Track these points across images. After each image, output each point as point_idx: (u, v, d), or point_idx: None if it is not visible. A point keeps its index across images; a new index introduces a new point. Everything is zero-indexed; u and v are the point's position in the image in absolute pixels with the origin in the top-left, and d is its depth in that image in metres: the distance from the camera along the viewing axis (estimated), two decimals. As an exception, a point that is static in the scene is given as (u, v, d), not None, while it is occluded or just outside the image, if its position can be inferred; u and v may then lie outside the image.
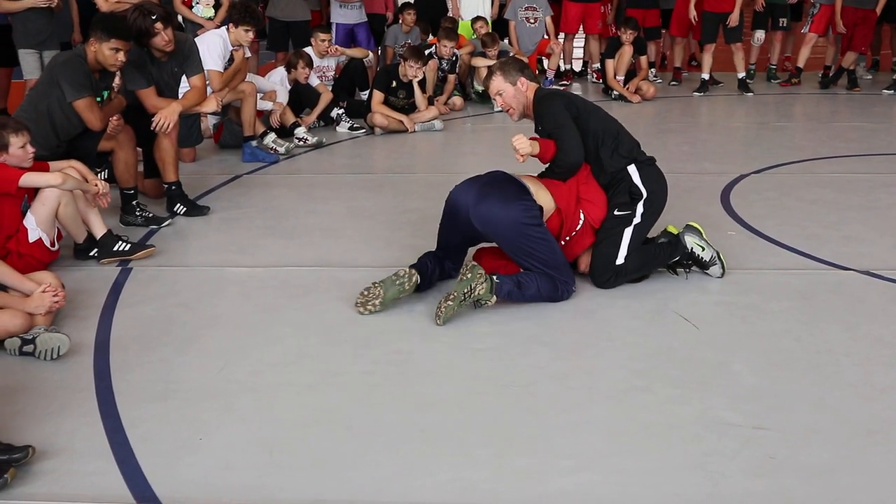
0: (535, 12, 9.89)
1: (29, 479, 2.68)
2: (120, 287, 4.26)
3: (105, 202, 4.52)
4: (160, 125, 5.19)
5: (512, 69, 4.32)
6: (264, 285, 4.28)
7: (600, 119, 4.28)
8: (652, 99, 9.38)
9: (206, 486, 2.66)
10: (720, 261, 4.25)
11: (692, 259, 4.23)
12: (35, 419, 3.02)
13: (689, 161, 6.76)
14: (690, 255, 4.22)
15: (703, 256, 4.23)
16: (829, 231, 5.00)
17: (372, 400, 3.17)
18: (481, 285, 3.74)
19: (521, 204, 3.86)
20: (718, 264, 4.25)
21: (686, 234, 4.27)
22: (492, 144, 7.82)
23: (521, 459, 2.79)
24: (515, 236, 3.87)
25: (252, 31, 6.77)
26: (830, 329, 3.73)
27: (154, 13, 5.11)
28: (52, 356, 3.46)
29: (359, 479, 2.69)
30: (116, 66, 4.84)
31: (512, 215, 3.82)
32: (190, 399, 3.19)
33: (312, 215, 5.44)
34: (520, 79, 4.29)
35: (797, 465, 2.73)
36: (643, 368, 3.40)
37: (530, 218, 3.85)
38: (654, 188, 4.25)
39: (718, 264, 4.25)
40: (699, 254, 4.22)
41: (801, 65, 10.24)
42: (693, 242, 4.23)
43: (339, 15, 9.36)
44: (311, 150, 7.29)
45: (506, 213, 3.83)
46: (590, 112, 4.29)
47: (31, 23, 6.98)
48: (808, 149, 7.23)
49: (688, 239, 4.24)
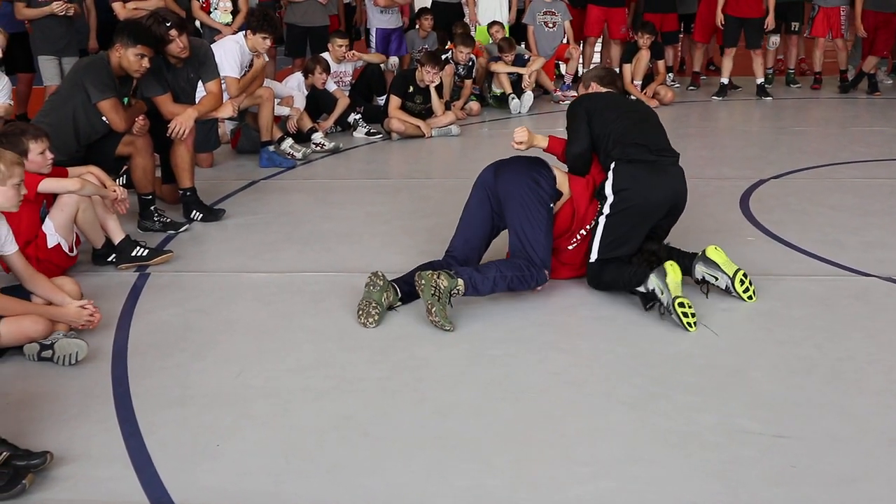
0: (553, 17, 9.87)
1: (47, 485, 2.69)
2: (137, 292, 4.27)
3: (123, 208, 4.54)
4: (176, 131, 5.21)
5: (590, 76, 4.71)
6: (281, 291, 4.28)
7: (603, 122, 4.26)
8: (670, 104, 9.34)
9: (222, 492, 2.66)
10: (680, 314, 3.71)
11: (655, 299, 3.83)
12: (53, 425, 3.03)
13: (707, 166, 6.72)
14: (652, 295, 3.83)
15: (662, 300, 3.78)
16: (851, 237, 4.95)
17: (388, 406, 3.17)
18: (441, 280, 3.75)
19: (539, 171, 4.12)
20: (678, 317, 3.72)
21: (697, 263, 4.05)
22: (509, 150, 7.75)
23: (538, 466, 2.77)
24: (523, 200, 4.03)
25: (270, 39, 6.77)
26: (852, 336, 3.69)
27: (169, 20, 5.14)
28: (70, 362, 3.47)
29: (375, 486, 2.68)
30: (140, 71, 4.88)
31: (529, 176, 4.09)
32: (207, 405, 3.19)
33: (329, 221, 5.44)
34: (591, 83, 4.65)
35: (818, 474, 2.70)
36: (661, 375, 3.37)
37: (542, 187, 4.06)
38: (623, 188, 4.08)
39: (678, 317, 3.72)
40: (711, 281, 4.03)
41: (819, 69, 10.18)
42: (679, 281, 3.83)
43: (378, 20, 9.37)
44: (328, 155, 7.30)
45: (526, 173, 4.11)
46: (598, 114, 4.29)
47: (51, 30, 7.05)
48: (828, 153, 7.17)
49: (661, 279, 3.80)
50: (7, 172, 3.47)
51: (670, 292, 3.75)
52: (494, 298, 4.15)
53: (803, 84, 10.35)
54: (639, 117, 4.39)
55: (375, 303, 3.85)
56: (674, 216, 4.29)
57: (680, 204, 4.26)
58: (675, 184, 4.22)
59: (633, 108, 4.57)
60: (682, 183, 4.25)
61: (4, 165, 3.47)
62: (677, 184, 4.23)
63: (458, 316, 3.93)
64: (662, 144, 4.29)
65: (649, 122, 4.40)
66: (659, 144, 4.27)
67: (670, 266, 3.82)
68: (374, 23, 9.41)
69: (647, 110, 4.67)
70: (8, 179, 3.47)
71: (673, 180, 4.21)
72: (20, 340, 3.50)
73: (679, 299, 3.72)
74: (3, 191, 3.47)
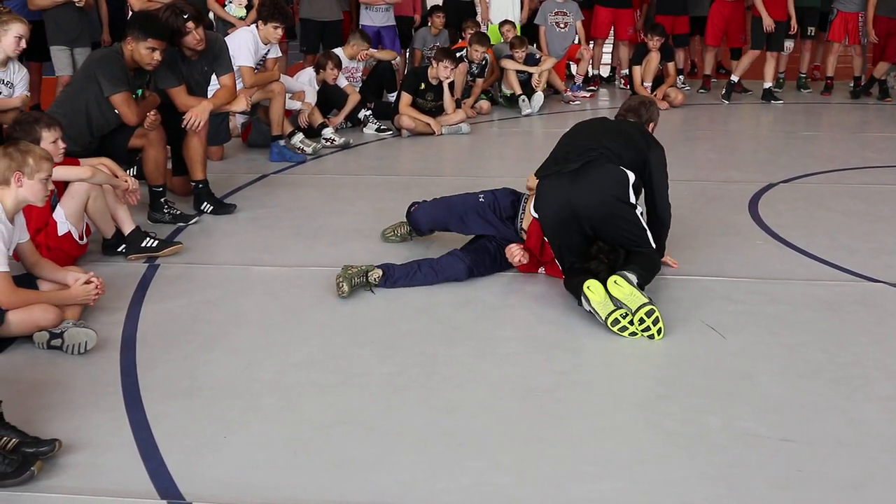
0: (565, 17, 9.86)
1: (55, 472, 2.71)
2: (147, 283, 4.29)
3: (134, 199, 4.56)
4: (191, 123, 5.23)
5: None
6: (290, 285, 4.29)
7: (559, 145, 4.28)
8: (680, 106, 9.32)
9: (229, 484, 2.67)
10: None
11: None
12: (62, 413, 3.05)
13: (716, 169, 6.71)
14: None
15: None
16: (859, 242, 4.94)
17: (396, 402, 3.18)
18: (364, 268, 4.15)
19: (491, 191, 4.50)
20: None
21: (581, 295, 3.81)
22: (518, 148, 7.82)
23: (545, 465, 2.78)
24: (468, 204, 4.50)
25: (281, 29, 6.82)
26: (859, 341, 3.69)
27: (186, 12, 5.16)
28: (80, 351, 3.49)
29: (382, 481, 2.69)
30: (152, 65, 4.90)
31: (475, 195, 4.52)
32: (215, 396, 3.21)
33: (338, 216, 5.45)
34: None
35: (824, 478, 2.70)
36: (668, 377, 3.38)
37: (485, 198, 4.46)
38: (537, 208, 4.13)
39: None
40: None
41: (831, 73, 10.15)
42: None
43: (365, 17, 9.38)
44: (338, 150, 7.30)
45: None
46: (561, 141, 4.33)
47: (63, 20, 7.06)
48: (837, 159, 7.16)
49: (587, 303, 3.76)
50: (35, 167, 3.51)
51: (599, 314, 3.69)
52: (503, 297, 4.16)
53: (814, 89, 10.32)
54: (577, 129, 4.34)
55: (344, 278, 4.09)
56: (605, 222, 3.95)
57: (584, 211, 3.94)
58: (569, 195, 3.95)
59: (587, 123, 4.45)
60: (584, 191, 3.93)
61: (33, 160, 3.51)
62: (574, 194, 3.94)
63: (466, 314, 3.95)
64: (587, 146, 4.06)
65: (586, 130, 4.30)
66: (582, 147, 4.06)
67: (588, 288, 3.74)
68: (362, 19, 9.42)
69: (600, 120, 4.52)
70: (36, 174, 3.51)
71: (568, 191, 3.96)
72: (30, 329, 3.53)
73: (611, 317, 3.64)
74: (30, 185, 3.51)
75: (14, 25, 5.23)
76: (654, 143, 4.25)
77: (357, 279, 4.12)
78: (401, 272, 4.21)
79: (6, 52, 5.24)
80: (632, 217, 3.99)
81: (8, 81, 5.34)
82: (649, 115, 4.54)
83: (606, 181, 3.96)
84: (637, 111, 4.50)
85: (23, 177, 3.50)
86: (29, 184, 3.51)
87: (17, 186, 3.50)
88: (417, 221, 4.67)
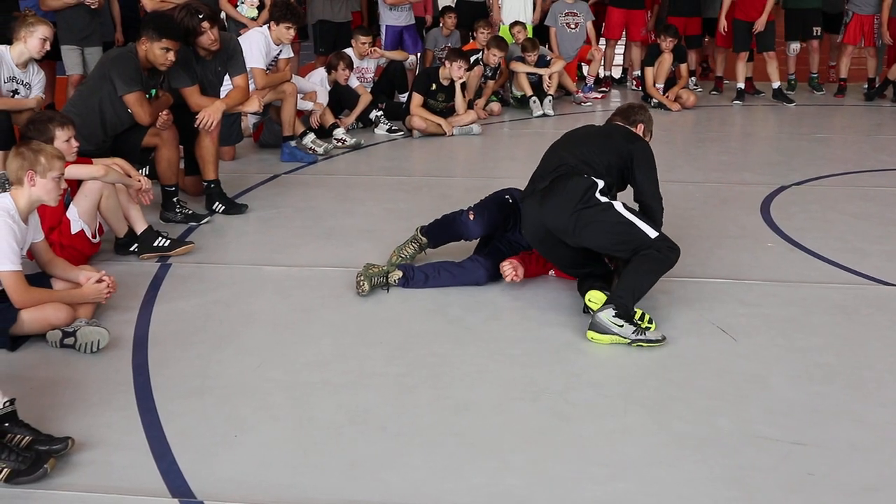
0: (575, 17, 9.84)
1: (68, 470, 2.73)
2: (159, 282, 4.31)
3: (147, 199, 4.59)
4: (204, 122, 5.25)
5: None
6: (301, 285, 4.30)
7: (541, 161, 4.27)
8: (692, 107, 9.30)
9: (240, 483, 2.68)
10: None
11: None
12: (74, 411, 3.07)
13: (728, 171, 6.69)
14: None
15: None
16: (872, 245, 4.92)
17: (406, 402, 3.18)
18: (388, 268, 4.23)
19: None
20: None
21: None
22: (529, 149, 7.78)
23: (555, 466, 2.78)
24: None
25: (293, 29, 6.84)
26: (872, 345, 3.67)
27: (201, 12, 5.19)
28: (92, 349, 3.51)
29: (392, 481, 2.69)
30: (166, 65, 4.92)
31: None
32: (226, 395, 3.22)
33: (350, 216, 5.46)
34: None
35: (836, 482, 2.69)
36: (679, 378, 3.37)
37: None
38: (522, 228, 4.22)
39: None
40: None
41: (844, 75, 10.10)
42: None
43: (388, 17, 9.39)
44: (349, 151, 7.32)
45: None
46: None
47: (74, 20, 7.11)
48: (851, 161, 7.13)
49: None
50: (48, 165, 3.53)
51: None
52: (513, 298, 4.16)
53: (827, 91, 10.27)
54: (559, 141, 4.33)
55: (365, 277, 4.14)
56: (581, 233, 3.89)
57: (556, 228, 3.94)
58: (541, 215, 3.97)
59: (571, 134, 4.41)
60: (550, 209, 3.92)
61: (45, 159, 3.53)
62: (544, 213, 3.95)
63: (477, 315, 3.95)
64: (559, 162, 4.05)
65: (565, 142, 4.28)
66: (554, 164, 4.06)
67: (590, 301, 3.81)
68: (385, 20, 9.43)
69: (584, 128, 4.49)
70: (48, 172, 3.54)
71: (539, 211, 3.97)
72: (43, 327, 3.55)
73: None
74: (43, 183, 3.54)
75: (40, 28, 5.28)
76: (638, 139, 4.22)
77: (377, 279, 4.16)
78: (420, 275, 4.22)
79: (31, 54, 5.29)
80: (609, 216, 3.87)
81: (27, 83, 5.38)
82: (637, 118, 4.48)
83: (570, 195, 3.90)
84: (624, 113, 4.48)
85: (35, 176, 3.52)
86: (42, 182, 3.53)
87: (30, 186, 3.52)
88: (470, 232, 4.42)
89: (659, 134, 8.26)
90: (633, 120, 4.42)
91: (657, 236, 3.87)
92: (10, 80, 5.32)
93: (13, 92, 5.34)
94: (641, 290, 3.80)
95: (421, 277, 4.23)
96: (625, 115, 4.45)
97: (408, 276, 4.21)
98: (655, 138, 4.59)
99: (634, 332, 3.58)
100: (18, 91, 5.35)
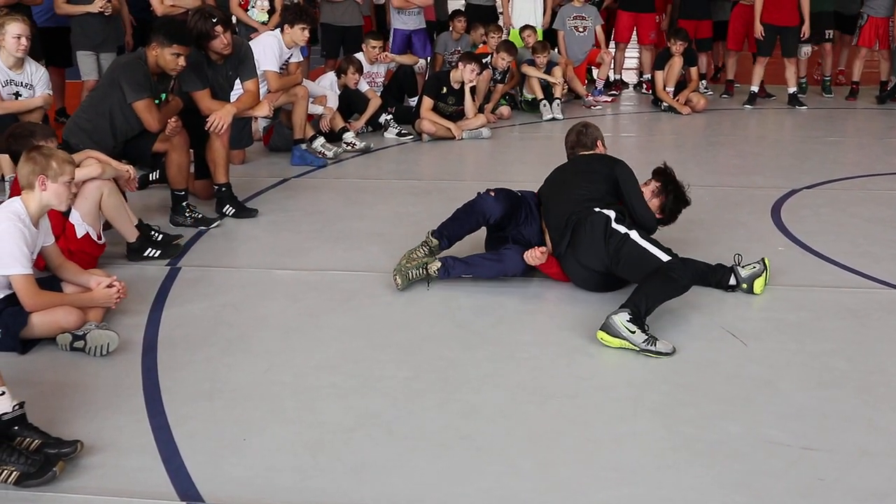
0: (583, 21, 9.83)
1: (76, 473, 2.73)
2: (168, 286, 4.32)
3: (133, 186, 4.68)
4: (214, 126, 5.26)
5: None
6: (311, 288, 4.31)
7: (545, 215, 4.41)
8: (703, 111, 9.28)
9: (249, 486, 2.68)
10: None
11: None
12: (84, 414, 3.08)
13: (739, 174, 6.67)
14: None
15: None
16: (884, 249, 4.89)
17: (414, 406, 3.18)
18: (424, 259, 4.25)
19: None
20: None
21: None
22: (539, 153, 7.78)
23: (564, 470, 2.77)
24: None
25: (308, 30, 6.88)
26: (884, 349, 3.65)
27: (215, 16, 5.22)
28: (102, 353, 3.52)
29: (400, 485, 2.69)
30: (176, 70, 4.95)
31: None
32: (235, 399, 3.22)
33: (359, 220, 5.46)
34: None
35: (847, 488, 2.68)
36: (689, 383, 3.36)
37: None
38: (571, 280, 4.29)
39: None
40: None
41: (857, 78, 10.06)
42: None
43: (398, 21, 9.40)
44: (358, 154, 7.33)
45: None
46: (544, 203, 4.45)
47: (89, 26, 7.16)
48: (862, 164, 7.10)
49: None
50: (59, 170, 3.55)
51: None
52: (522, 302, 4.15)
53: (838, 94, 10.23)
54: (551, 191, 4.42)
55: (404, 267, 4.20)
56: (616, 267, 4.06)
57: (598, 267, 4.12)
58: (580, 265, 4.16)
59: (555, 181, 4.49)
60: (585, 255, 4.10)
61: (56, 163, 3.55)
62: (582, 261, 4.13)
63: (486, 319, 3.94)
64: (567, 215, 4.18)
65: (558, 190, 4.37)
66: (564, 219, 4.19)
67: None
68: (394, 24, 9.44)
69: (559, 172, 4.55)
70: (59, 177, 3.56)
71: (577, 264, 4.16)
72: (53, 331, 3.56)
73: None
74: (54, 188, 3.56)
75: (10, 27, 5.30)
76: (615, 161, 4.42)
77: (415, 272, 4.20)
78: (461, 264, 4.24)
79: (10, 53, 5.30)
80: (631, 248, 3.99)
81: (27, 83, 5.40)
82: (592, 138, 4.71)
83: (595, 235, 4.06)
84: (582, 143, 4.69)
85: (47, 180, 3.54)
86: (53, 187, 3.55)
87: (41, 190, 3.54)
88: (492, 209, 4.42)
89: (669, 137, 8.32)
90: (591, 143, 4.67)
91: (669, 259, 3.95)
92: (9, 84, 5.36)
93: (15, 95, 5.36)
94: (654, 303, 3.78)
95: (461, 266, 4.23)
96: (583, 144, 4.68)
97: (447, 267, 4.21)
98: (666, 142, 4.61)
99: (645, 342, 3.57)
100: (20, 94, 5.38)
